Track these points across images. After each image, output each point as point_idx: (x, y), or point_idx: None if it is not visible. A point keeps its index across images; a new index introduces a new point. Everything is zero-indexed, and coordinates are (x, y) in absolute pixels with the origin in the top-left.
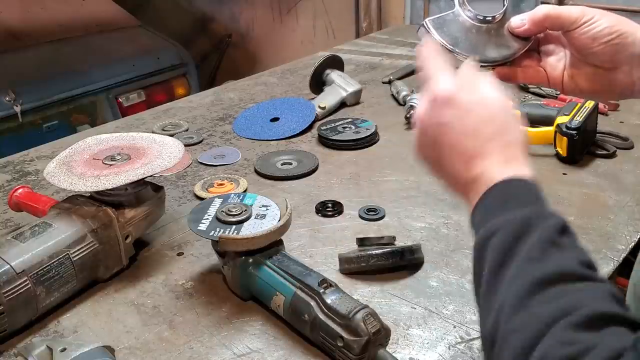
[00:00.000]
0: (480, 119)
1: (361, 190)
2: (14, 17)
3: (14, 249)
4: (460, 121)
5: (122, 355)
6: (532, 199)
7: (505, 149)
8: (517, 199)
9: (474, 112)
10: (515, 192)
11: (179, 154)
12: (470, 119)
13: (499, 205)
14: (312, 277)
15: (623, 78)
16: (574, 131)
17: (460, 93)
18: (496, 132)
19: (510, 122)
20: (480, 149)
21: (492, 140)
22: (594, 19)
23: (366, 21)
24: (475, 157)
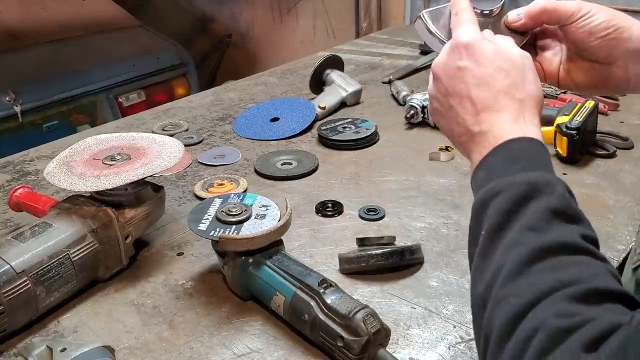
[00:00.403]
0: (497, 69)
1: (361, 190)
2: (14, 17)
3: (14, 249)
4: (477, 68)
5: (122, 355)
6: (539, 162)
7: (519, 106)
8: (523, 161)
9: (491, 61)
10: (522, 153)
11: (179, 154)
12: (487, 67)
13: (504, 165)
14: (312, 277)
15: (619, 73)
16: (574, 131)
17: (481, 42)
18: (511, 85)
19: (528, 77)
20: (492, 102)
21: (506, 94)
22: (591, 13)
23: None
24: (485, 109)
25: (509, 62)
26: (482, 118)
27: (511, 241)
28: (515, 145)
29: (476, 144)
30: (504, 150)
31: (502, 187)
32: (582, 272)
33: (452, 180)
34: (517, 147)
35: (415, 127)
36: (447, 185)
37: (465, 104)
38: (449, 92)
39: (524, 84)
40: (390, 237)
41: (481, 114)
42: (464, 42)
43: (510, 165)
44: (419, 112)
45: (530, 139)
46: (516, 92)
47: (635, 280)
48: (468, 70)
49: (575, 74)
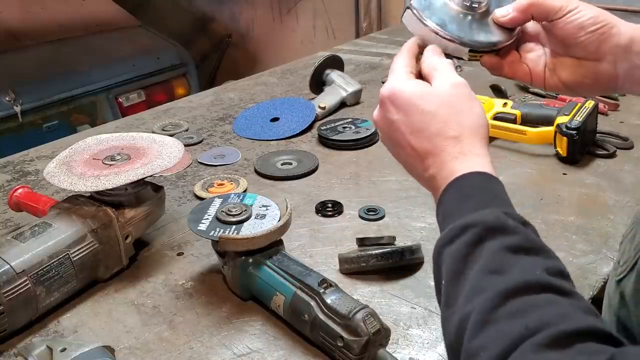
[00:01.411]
0: (423, 113)
1: (361, 190)
2: (14, 17)
3: (14, 249)
4: (405, 118)
5: (122, 355)
6: (488, 196)
7: (455, 142)
8: (473, 198)
9: (417, 107)
10: (470, 190)
11: (179, 154)
12: (413, 115)
13: (455, 206)
14: (312, 277)
15: (608, 70)
16: (574, 131)
17: (402, 91)
18: (442, 125)
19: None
20: (430, 146)
21: (439, 134)
22: (579, 9)
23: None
24: (427, 154)
25: (434, 103)
26: (427, 163)
27: (472, 288)
28: (463, 182)
29: (430, 188)
30: (452, 190)
31: (455, 232)
32: (549, 314)
33: None
34: (464, 184)
35: None
36: None
37: (409, 151)
38: (392, 143)
39: (456, 118)
40: (390, 237)
41: (425, 160)
42: (386, 94)
43: (461, 205)
44: None
45: (476, 173)
46: (448, 130)
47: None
48: (399, 122)
49: (562, 73)
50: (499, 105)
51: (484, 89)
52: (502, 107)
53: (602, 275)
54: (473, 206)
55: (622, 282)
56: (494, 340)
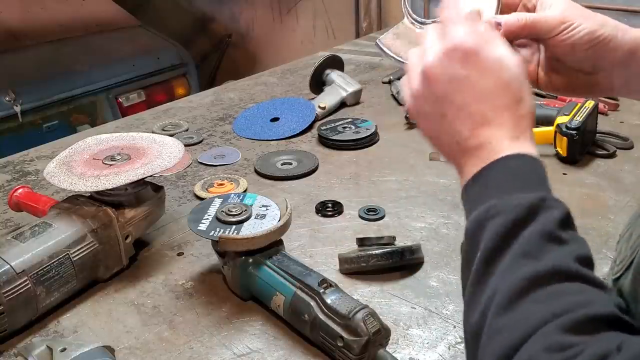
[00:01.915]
0: (498, 82)
1: (361, 190)
2: (14, 17)
3: (14, 249)
4: (480, 80)
5: (122, 355)
6: (538, 181)
7: (518, 122)
8: (521, 180)
9: (494, 73)
10: (520, 171)
11: (179, 154)
12: (489, 80)
13: (501, 183)
14: (312, 277)
15: (603, 81)
16: (574, 131)
17: (485, 49)
18: (512, 101)
19: (525, 91)
20: (491, 116)
21: (507, 109)
22: (574, 25)
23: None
24: (484, 124)
25: (510, 74)
26: (480, 132)
27: (505, 268)
28: (514, 163)
29: (470, 156)
30: (501, 167)
31: (500, 208)
32: (575, 300)
33: (452, 180)
34: (515, 164)
35: (415, 127)
36: (447, 185)
37: (462, 115)
38: (443, 100)
39: (523, 98)
40: (390, 237)
41: (479, 128)
42: (465, 46)
43: (508, 184)
44: None
45: (529, 157)
46: (516, 107)
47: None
48: (468, 80)
49: (555, 80)
50: None
51: None
52: None
53: (603, 274)
54: (520, 187)
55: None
56: (519, 321)
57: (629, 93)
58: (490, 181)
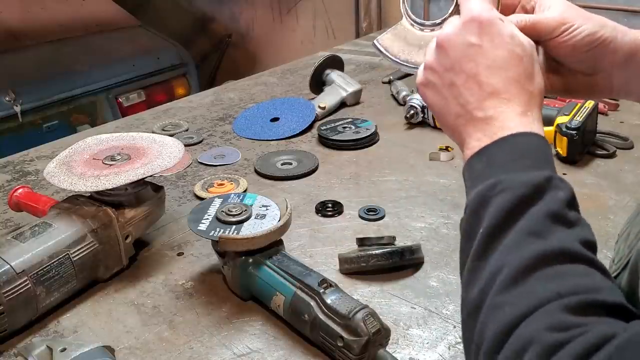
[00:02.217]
0: (511, 54)
1: (361, 190)
2: (14, 17)
3: (14, 249)
4: (491, 49)
5: (122, 355)
6: (544, 161)
7: (528, 98)
8: (529, 158)
9: (507, 45)
10: (528, 150)
11: (179, 154)
12: (502, 50)
13: (508, 160)
14: (312, 277)
15: (602, 82)
16: (574, 131)
17: (499, 21)
18: (523, 74)
19: (536, 70)
20: (502, 88)
21: (518, 82)
22: (574, 27)
23: (366, 21)
24: (494, 95)
25: (521, 49)
26: (488, 104)
27: (510, 244)
28: (521, 140)
29: (476, 129)
30: (509, 144)
31: (507, 185)
32: (581, 282)
33: (452, 180)
34: (523, 141)
35: (415, 127)
36: (447, 185)
37: (472, 85)
38: (453, 68)
39: (533, 75)
40: (390, 237)
41: (488, 100)
42: (481, 18)
43: (515, 162)
44: (419, 112)
45: (537, 135)
46: (527, 82)
47: None
48: (481, 49)
49: (555, 82)
50: None
51: None
52: None
53: None
54: (528, 165)
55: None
56: (522, 297)
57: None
58: (497, 158)
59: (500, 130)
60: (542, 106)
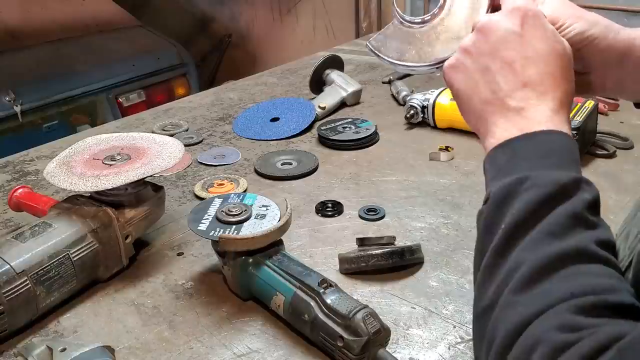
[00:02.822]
0: (551, 50)
1: (361, 190)
2: (14, 17)
3: (14, 249)
4: (535, 40)
5: (122, 355)
6: (571, 161)
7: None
8: (556, 157)
9: (549, 40)
10: (556, 148)
11: (179, 154)
12: (544, 44)
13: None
14: (312, 277)
15: (595, 80)
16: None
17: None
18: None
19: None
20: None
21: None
22: (566, 25)
23: (366, 21)
24: (529, 85)
25: (562, 46)
26: (522, 94)
27: (530, 243)
28: (551, 138)
29: (505, 118)
30: (537, 141)
31: (535, 181)
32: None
33: (452, 180)
34: (551, 139)
35: (415, 127)
36: (447, 185)
37: (507, 72)
38: (491, 53)
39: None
40: (390, 237)
41: (522, 90)
42: (527, 8)
43: (543, 159)
44: (419, 112)
45: (566, 135)
46: (563, 80)
47: None
48: (523, 39)
49: None
50: None
51: None
52: None
53: None
54: (555, 164)
55: None
56: (535, 297)
57: (622, 93)
58: (524, 152)
59: (531, 126)
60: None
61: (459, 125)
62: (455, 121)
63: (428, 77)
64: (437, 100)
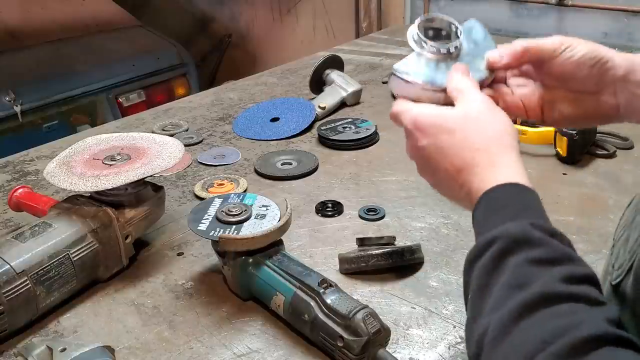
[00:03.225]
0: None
1: (361, 190)
2: (14, 17)
3: (14, 249)
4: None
5: (122, 355)
6: (518, 208)
7: (485, 154)
8: (502, 211)
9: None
10: (500, 203)
11: (179, 154)
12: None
13: (485, 218)
14: (312, 277)
15: (608, 100)
16: (574, 131)
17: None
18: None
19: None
20: (460, 163)
21: (467, 148)
22: (573, 45)
23: (366, 21)
24: (460, 172)
25: (458, 120)
26: (461, 180)
27: (494, 302)
28: (492, 195)
29: (468, 203)
30: (483, 202)
31: (482, 246)
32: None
33: None
34: (494, 196)
35: None
36: None
37: (443, 174)
38: (428, 171)
39: (481, 130)
40: (390, 237)
41: (459, 177)
42: (409, 123)
43: (490, 218)
44: None
45: (507, 185)
46: (474, 142)
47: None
48: (429, 146)
49: (563, 107)
50: None
51: None
52: None
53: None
54: (501, 219)
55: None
56: (511, 353)
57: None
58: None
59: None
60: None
61: None
62: None
63: None
64: None
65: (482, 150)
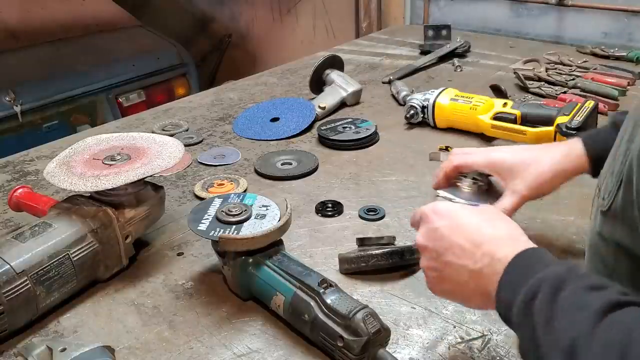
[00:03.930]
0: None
1: (361, 190)
2: (14, 17)
3: (14, 249)
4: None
5: (122, 355)
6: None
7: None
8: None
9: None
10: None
11: (179, 154)
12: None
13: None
14: (312, 277)
15: None
16: (574, 131)
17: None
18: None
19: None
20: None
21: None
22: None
23: (366, 21)
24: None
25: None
26: (480, 252)
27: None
28: (525, 255)
29: (485, 278)
30: (516, 265)
31: (534, 287)
32: None
33: None
34: (526, 256)
35: (415, 127)
36: None
37: (458, 250)
38: (439, 253)
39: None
40: (390, 237)
41: (477, 250)
42: (429, 207)
43: (529, 271)
44: (419, 112)
45: (533, 248)
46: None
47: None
48: (444, 227)
49: None
50: (499, 105)
51: (484, 89)
52: (502, 107)
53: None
54: (541, 268)
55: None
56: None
57: None
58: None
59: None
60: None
61: (458, 126)
62: (455, 121)
63: (428, 77)
64: (437, 100)
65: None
